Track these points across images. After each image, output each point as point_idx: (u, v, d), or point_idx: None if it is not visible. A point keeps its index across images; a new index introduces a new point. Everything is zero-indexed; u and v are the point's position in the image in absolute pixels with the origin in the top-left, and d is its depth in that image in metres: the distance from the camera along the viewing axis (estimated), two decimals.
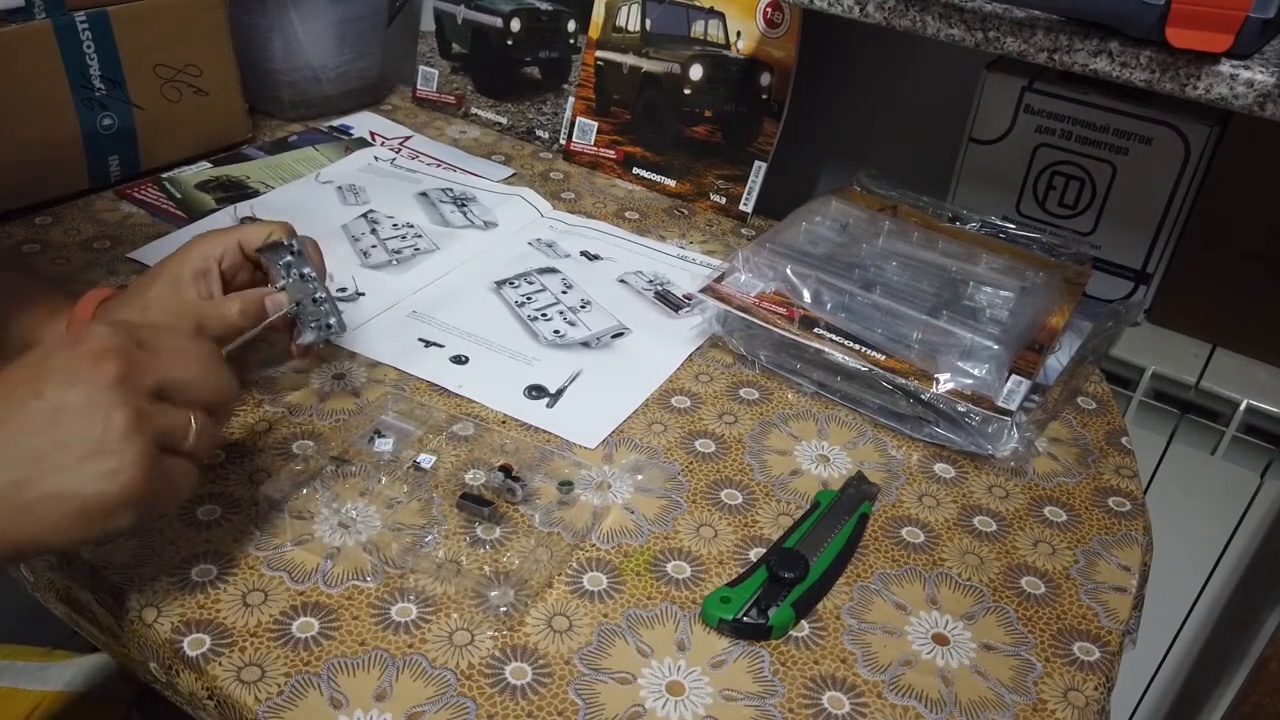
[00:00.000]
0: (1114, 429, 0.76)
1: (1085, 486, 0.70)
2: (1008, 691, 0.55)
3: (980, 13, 0.69)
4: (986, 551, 0.64)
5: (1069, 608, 0.60)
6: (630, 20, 1.02)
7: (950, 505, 0.67)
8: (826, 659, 0.56)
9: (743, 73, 0.98)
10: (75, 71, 0.87)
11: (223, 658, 0.52)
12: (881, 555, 0.63)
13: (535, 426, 0.70)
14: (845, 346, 0.72)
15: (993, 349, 0.69)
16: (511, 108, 1.13)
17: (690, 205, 1.02)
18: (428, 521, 0.61)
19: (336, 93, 1.11)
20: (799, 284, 0.75)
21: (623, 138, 1.05)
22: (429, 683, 0.52)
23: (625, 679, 0.53)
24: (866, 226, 0.84)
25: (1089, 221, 0.91)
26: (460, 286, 0.85)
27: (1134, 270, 0.91)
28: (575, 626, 0.56)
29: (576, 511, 0.63)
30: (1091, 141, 0.88)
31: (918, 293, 0.76)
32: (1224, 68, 0.62)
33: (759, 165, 0.98)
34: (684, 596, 0.58)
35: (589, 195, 1.02)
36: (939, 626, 0.58)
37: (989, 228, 0.86)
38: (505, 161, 1.07)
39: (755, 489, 0.67)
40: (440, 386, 0.73)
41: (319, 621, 0.55)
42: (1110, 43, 0.65)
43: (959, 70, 0.95)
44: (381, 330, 0.78)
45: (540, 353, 0.77)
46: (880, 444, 0.72)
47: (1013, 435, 0.70)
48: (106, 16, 0.88)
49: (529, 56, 1.10)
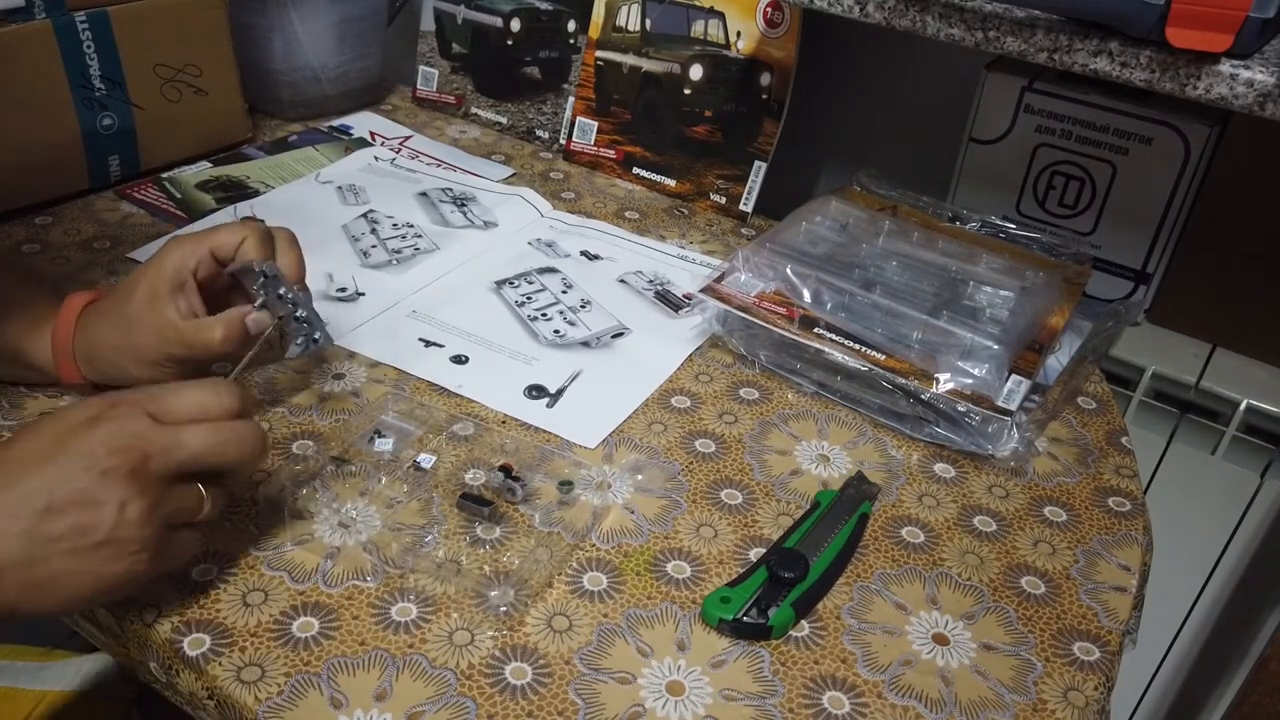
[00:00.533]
0: (1114, 429, 0.76)
1: (1085, 486, 0.70)
2: (1008, 691, 0.55)
3: (980, 13, 0.69)
4: (986, 551, 0.64)
5: (1069, 608, 0.60)
6: (630, 20, 1.02)
7: (950, 505, 0.67)
8: (826, 659, 0.56)
9: (743, 73, 0.98)
10: (75, 71, 0.87)
11: (223, 657, 0.52)
12: (881, 555, 0.63)
13: (535, 426, 0.70)
14: (845, 346, 0.72)
15: (993, 349, 0.69)
16: (511, 108, 1.13)
17: (690, 205, 1.02)
18: (428, 521, 0.61)
19: (336, 93, 1.11)
20: (799, 284, 0.75)
21: (623, 137, 1.05)
22: (429, 682, 0.52)
23: (625, 679, 0.53)
24: (866, 226, 0.84)
25: (1089, 221, 0.92)
26: (460, 286, 0.85)
27: (1134, 270, 0.91)
28: (575, 626, 0.56)
29: (576, 511, 0.63)
30: (1091, 141, 0.88)
31: (918, 293, 0.76)
32: (1224, 67, 0.62)
33: (759, 165, 0.98)
34: (684, 596, 0.58)
35: (589, 195, 1.02)
36: (939, 626, 0.58)
37: (989, 228, 0.86)
38: (505, 161, 1.07)
39: (755, 489, 0.67)
40: (440, 386, 0.73)
41: (319, 621, 0.55)
42: (1110, 43, 0.65)
43: (959, 70, 0.95)
44: (381, 330, 0.78)
45: (540, 352, 0.77)
46: (880, 444, 0.72)
47: (1013, 435, 0.70)
48: (106, 16, 0.88)
49: (529, 56, 1.10)
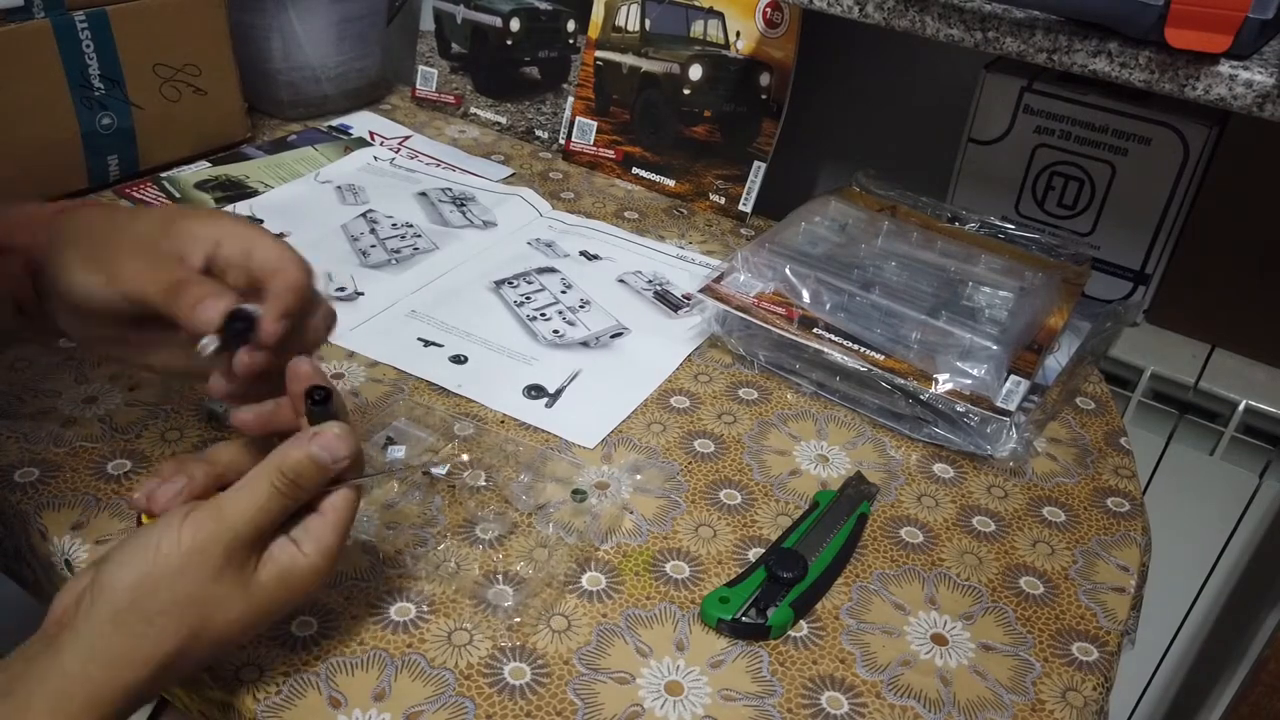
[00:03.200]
0: (1113, 429, 0.76)
1: (1084, 487, 0.70)
2: (1006, 691, 0.55)
3: (979, 13, 0.69)
4: (985, 552, 0.64)
5: (1068, 608, 0.60)
6: (630, 20, 1.02)
7: (949, 505, 0.67)
8: (825, 659, 0.56)
9: (742, 73, 0.98)
10: (74, 71, 0.87)
11: (221, 658, 0.52)
12: (880, 555, 0.63)
13: (534, 426, 0.70)
14: (844, 347, 0.72)
15: (991, 349, 0.69)
16: (511, 107, 1.13)
17: (689, 205, 1.02)
18: (426, 521, 0.61)
19: (336, 92, 1.11)
20: (798, 284, 0.75)
21: (622, 137, 1.05)
22: (428, 682, 0.52)
23: (624, 679, 0.53)
24: (866, 227, 0.84)
25: (1088, 222, 0.92)
26: (460, 286, 0.85)
27: (1133, 271, 0.91)
28: (574, 626, 0.56)
29: (575, 511, 0.63)
30: (1090, 142, 0.88)
31: (917, 293, 0.76)
32: (1223, 68, 0.62)
33: (758, 165, 0.98)
34: (683, 596, 0.58)
35: (588, 195, 1.02)
36: (938, 626, 0.58)
37: (988, 228, 0.86)
38: (504, 161, 1.07)
39: (754, 489, 0.67)
40: (439, 386, 0.73)
41: (317, 621, 0.55)
42: (1109, 43, 0.65)
43: (958, 71, 0.95)
44: (380, 330, 0.78)
45: (539, 352, 0.77)
46: (879, 444, 0.72)
47: (1011, 435, 0.70)
48: (106, 16, 0.88)
49: (528, 56, 1.10)
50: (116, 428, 0.66)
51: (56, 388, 0.69)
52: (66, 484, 0.62)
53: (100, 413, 0.68)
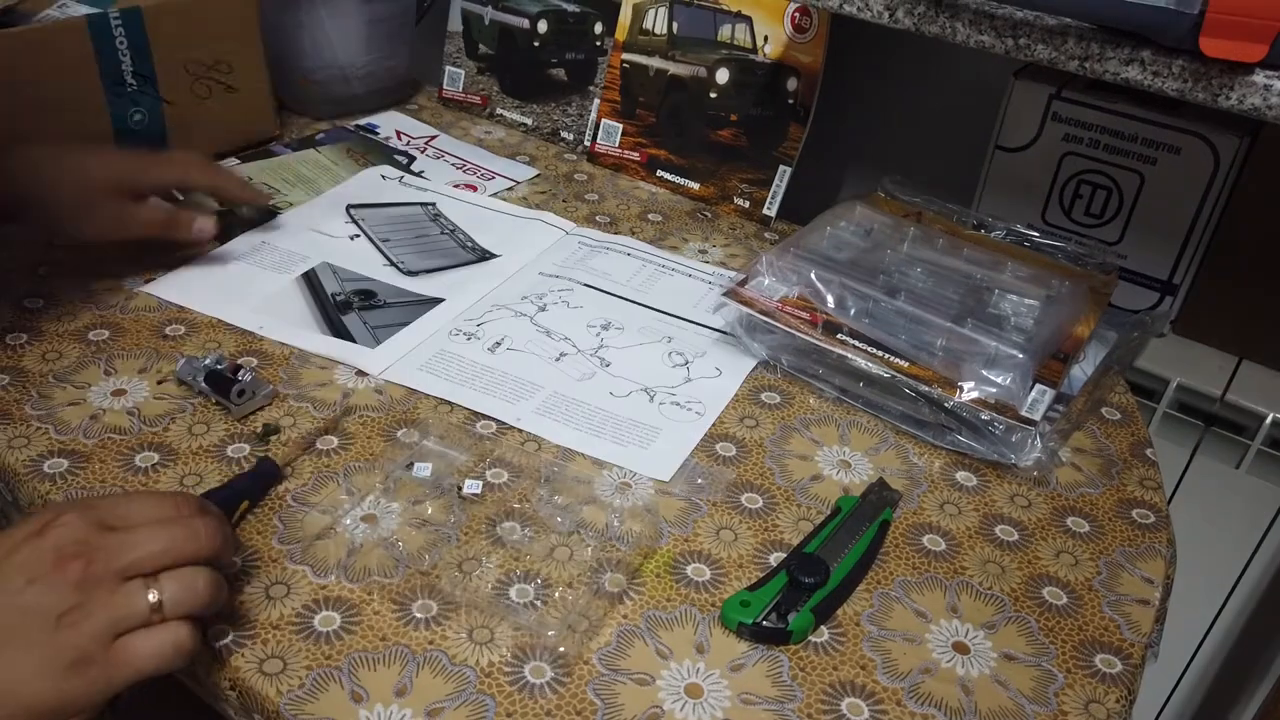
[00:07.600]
0: (1138, 440, 0.75)
1: (1108, 498, 0.69)
2: (1028, 702, 0.54)
3: (1011, 20, 0.68)
4: (1008, 561, 0.63)
5: (1091, 619, 0.60)
6: (657, 23, 1.02)
7: (972, 514, 0.67)
8: (846, 665, 0.55)
9: (769, 77, 0.98)
10: (108, 67, 0.88)
11: (245, 649, 0.53)
12: (902, 562, 0.62)
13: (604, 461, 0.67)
14: (868, 353, 0.72)
15: (1017, 358, 0.69)
16: (537, 109, 1.13)
17: (713, 208, 1.02)
18: (449, 518, 0.61)
19: (363, 91, 1.11)
20: (822, 289, 0.75)
21: (647, 140, 1.05)
22: (449, 679, 0.52)
23: (644, 680, 0.53)
24: (891, 232, 0.84)
25: (1115, 231, 0.91)
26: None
27: (1160, 281, 0.91)
28: (594, 626, 0.56)
29: (597, 512, 0.63)
30: (1119, 150, 0.88)
31: (942, 300, 0.76)
32: (1258, 78, 0.61)
33: (784, 170, 0.98)
34: (703, 599, 0.58)
35: (612, 197, 1.02)
36: (959, 635, 0.58)
37: (1014, 235, 0.86)
38: (530, 162, 1.07)
39: (776, 493, 0.67)
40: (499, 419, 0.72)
41: (340, 616, 0.55)
42: (1142, 51, 0.64)
43: (986, 77, 0.95)
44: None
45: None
46: (902, 451, 0.72)
47: (1036, 445, 0.69)
48: (140, 13, 0.89)
49: (555, 58, 1.11)
50: (145, 420, 0.67)
51: (87, 379, 0.70)
52: (95, 475, 0.63)
53: (129, 405, 0.68)
